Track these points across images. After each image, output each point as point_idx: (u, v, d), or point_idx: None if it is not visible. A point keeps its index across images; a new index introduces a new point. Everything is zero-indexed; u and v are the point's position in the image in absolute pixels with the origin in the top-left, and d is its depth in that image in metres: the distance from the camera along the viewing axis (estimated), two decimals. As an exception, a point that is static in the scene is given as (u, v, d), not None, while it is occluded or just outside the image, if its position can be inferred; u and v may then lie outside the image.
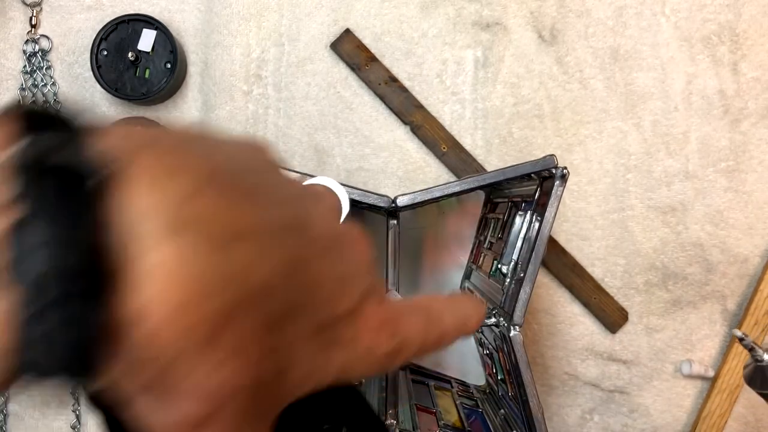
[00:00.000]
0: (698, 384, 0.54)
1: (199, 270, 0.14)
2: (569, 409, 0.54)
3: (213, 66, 0.53)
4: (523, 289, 0.37)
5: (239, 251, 0.15)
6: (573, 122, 0.54)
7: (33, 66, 0.53)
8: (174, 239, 0.14)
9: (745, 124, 0.54)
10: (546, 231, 0.37)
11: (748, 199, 0.54)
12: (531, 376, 0.37)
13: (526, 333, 0.54)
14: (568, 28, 0.54)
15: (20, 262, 0.13)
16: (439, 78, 0.54)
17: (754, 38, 0.54)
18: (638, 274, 0.54)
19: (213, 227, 0.15)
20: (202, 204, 0.15)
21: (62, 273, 0.13)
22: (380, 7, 0.54)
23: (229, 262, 0.15)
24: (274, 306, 0.16)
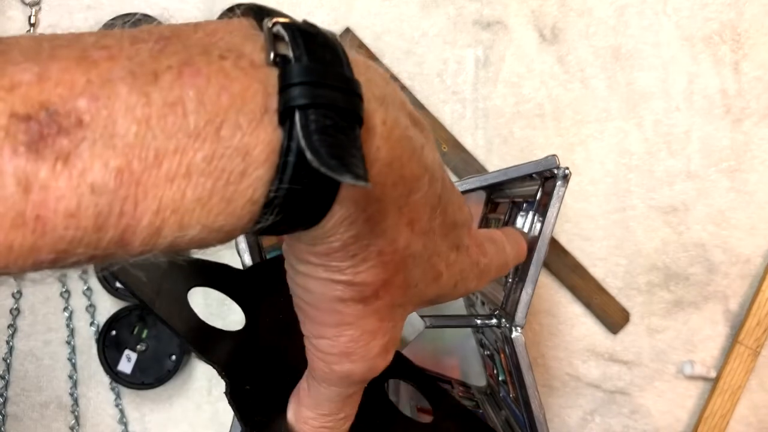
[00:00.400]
0: (700, 385, 0.54)
1: (403, 134, 0.17)
2: (570, 410, 0.54)
3: (212, 65, 0.53)
4: (524, 290, 0.36)
5: (417, 133, 0.18)
6: (574, 122, 0.54)
7: (32, 65, 0.53)
8: (385, 107, 0.17)
9: (747, 123, 0.54)
10: (547, 231, 0.36)
11: (750, 199, 0.54)
12: (532, 377, 0.36)
13: (528, 334, 0.54)
14: (569, 27, 0.54)
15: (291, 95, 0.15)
16: (440, 77, 0.54)
17: (755, 37, 0.54)
18: (640, 275, 0.54)
19: (402, 111, 0.18)
20: (392, 91, 0.18)
21: (331, 104, 0.15)
22: (380, 6, 0.54)
23: (416, 137, 0.18)
24: (434, 189, 0.19)
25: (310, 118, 0.15)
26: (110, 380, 0.53)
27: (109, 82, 0.13)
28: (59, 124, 0.13)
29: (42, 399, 0.53)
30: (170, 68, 0.14)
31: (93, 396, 0.53)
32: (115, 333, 0.52)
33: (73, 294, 0.53)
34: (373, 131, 0.16)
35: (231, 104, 0.14)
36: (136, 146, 0.13)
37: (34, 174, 0.12)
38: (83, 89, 0.13)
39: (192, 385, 0.54)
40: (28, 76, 0.13)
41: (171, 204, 0.14)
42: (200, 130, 0.14)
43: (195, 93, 0.14)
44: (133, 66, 0.14)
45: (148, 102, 0.13)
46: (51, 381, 0.53)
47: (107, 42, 0.14)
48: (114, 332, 0.52)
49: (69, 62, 0.13)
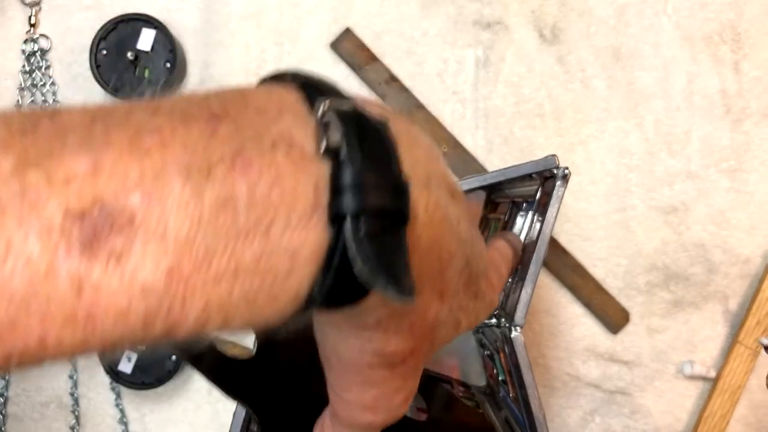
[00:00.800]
0: (700, 385, 0.54)
1: (443, 215, 0.18)
2: (570, 410, 0.54)
3: (212, 65, 0.53)
4: (524, 289, 0.36)
5: (455, 206, 0.19)
6: (574, 122, 0.54)
7: (32, 65, 0.53)
8: (428, 191, 0.17)
9: (747, 123, 0.54)
10: (547, 231, 0.36)
11: (750, 199, 0.54)
12: (532, 377, 0.36)
13: (528, 334, 0.54)
14: (569, 27, 0.54)
15: (343, 201, 0.15)
16: (440, 77, 0.54)
17: (756, 37, 0.54)
18: (640, 275, 0.54)
19: (442, 189, 0.18)
20: (436, 166, 0.18)
21: (381, 209, 0.15)
22: (380, 5, 0.54)
23: (453, 215, 0.19)
24: (464, 256, 0.20)
25: (360, 224, 0.15)
26: (110, 380, 0.53)
27: (161, 175, 0.13)
28: (113, 221, 0.13)
29: (42, 399, 0.53)
30: (222, 160, 0.14)
31: (93, 396, 0.54)
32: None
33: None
34: (416, 220, 0.17)
35: (281, 201, 0.14)
36: (187, 245, 0.13)
37: (87, 274, 0.12)
38: (137, 183, 0.13)
39: (192, 385, 0.54)
40: (83, 166, 0.13)
41: (217, 301, 0.14)
42: (250, 229, 0.14)
43: (247, 189, 0.14)
44: (186, 156, 0.13)
45: (200, 199, 0.13)
46: (51, 381, 0.53)
47: (159, 122, 0.14)
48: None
49: (122, 149, 0.13)
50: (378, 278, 0.14)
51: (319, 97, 0.16)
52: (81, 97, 0.53)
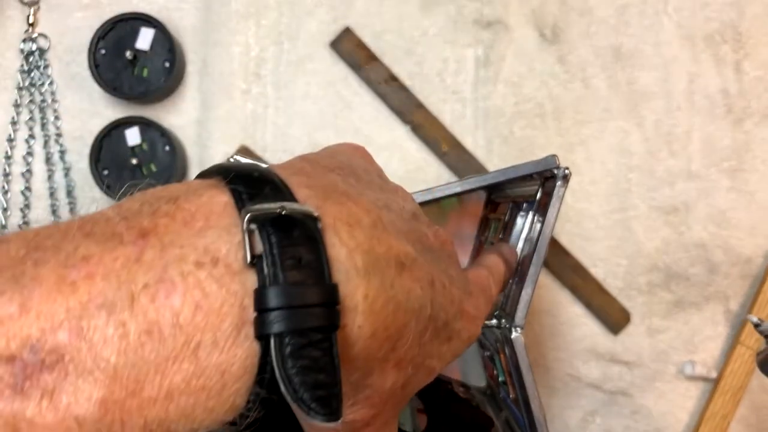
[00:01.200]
0: (701, 385, 0.54)
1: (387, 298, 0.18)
2: (571, 411, 0.54)
3: (212, 65, 0.53)
4: (524, 290, 0.36)
5: (404, 279, 0.19)
6: (575, 122, 0.53)
7: (30, 65, 0.53)
8: (367, 278, 0.17)
9: (748, 123, 0.54)
10: (548, 231, 0.36)
11: (751, 199, 0.53)
12: (532, 377, 0.36)
13: (528, 334, 0.53)
14: (569, 26, 0.54)
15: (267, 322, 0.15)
16: (440, 77, 0.53)
17: (757, 37, 0.54)
18: (640, 275, 0.53)
19: (388, 265, 0.18)
20: (378, 245, 0.18)
21: (306, 329, 0.15)
22: (380, 5, 0.53)
23: (401, 290, 0.19)
24: (423, 319, 0.20)
25: (284, 342, 0.15)
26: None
27: (87, 310, 0.14)
28: (42, 359, 0.13)
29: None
30: (146, 287, 0.14)
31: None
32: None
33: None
34: (355, 311, 0.17)
35: (206, 323, 0.15)
36: (117, 375, 0.14)
37: (21, 413, 0.13)
38: (63, 321, 0.14)
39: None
40: (11, 308, 0.13)
41: (156, 419, 0.14)
42: (177, 353, 0.14)
43: (171, 315, 0.14)
44: (111, 287, 0.14)
45: (126, 331, 0.14)
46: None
47: (88, 250, 0.15)
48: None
49: (50, 287, 0.14)
50: (300, 403, 0.15)
51: (247, 200, 0.16)
52: (80, 96, 0.53)
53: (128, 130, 0.50)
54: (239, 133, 0.53)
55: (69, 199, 0.53)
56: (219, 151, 0.53)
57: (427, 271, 0.20)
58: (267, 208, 0.16)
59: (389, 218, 0.20)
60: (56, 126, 0.53)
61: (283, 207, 0.16)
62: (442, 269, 0.22)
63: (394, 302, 0.18)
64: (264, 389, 0.15)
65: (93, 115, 0.53)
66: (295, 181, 0.18)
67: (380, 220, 0.19)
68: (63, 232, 0.15)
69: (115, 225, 0.16)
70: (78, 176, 0.53)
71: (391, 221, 0.20)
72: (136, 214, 0.16)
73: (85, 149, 0.52)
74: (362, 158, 0.25)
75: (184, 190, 0.17)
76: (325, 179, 0.20)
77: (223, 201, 0.17)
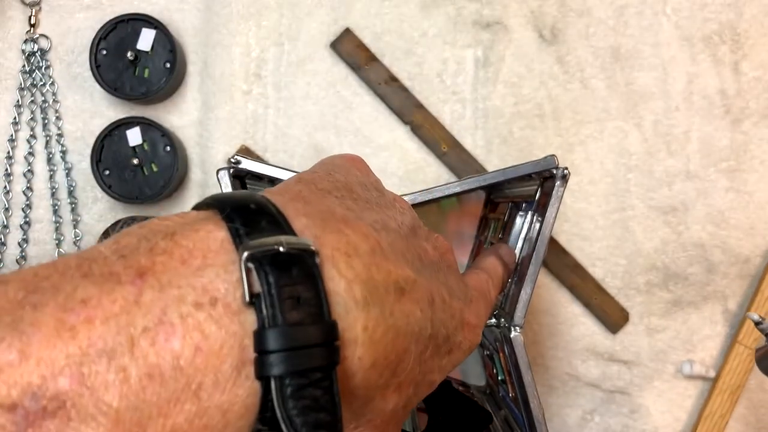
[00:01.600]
0: (699, 384, 0.54)
1: (387, 327, 0.18)
2: (570, 410, 0.54)
3: (212, 65, 0.53)
4: (523, 289, 0.36)
5: (404, 304, 0.19)
6: (574, 122, 0.54)
7: (32, 65, 0.53)
8: (366, 309, 0.17)
9: (747, 123, 0.54)
10: (547, 231, 0.37)
11: (750, 199, 0.54)
12: (531, 376, 0.36)
13: (527, 333, 0.54)
14: (568, 27, 0.54)
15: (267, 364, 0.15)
16: (440, 77, 0.54)
17: (755, 38, 0.54)
18: (639, 275, 0.54)
19: (387, 292, 0.18)
20: (376, 272, 0.18)
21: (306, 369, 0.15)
22: (380, 6, 0.54)
23: (400, 316, 0.19)
24: (423, 341, 0.20)
25: (285, 383, 0.15)
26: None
27: (87, 355, 0.14)
28: (44, 407, 0.13)
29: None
30: (146, 331, 0.14)
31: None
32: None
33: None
34: (354, 343, 0.17)
35: (207, 365, 0.15)
36: (120, 420, 0.14)
37: None
38: (63, 367, 0.14)
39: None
40: (11, 356, 0.13)
41: None
42: (179, 394, 0.14)
43: (171, 358, 0.14)
44: (111, 332, 0.14)
45: (127, 375, 0.14)
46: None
47: (86, 292, 0.15)
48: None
49: (49, 332, 0.14)
50: None
51: (244, 236, 0.16)
52: (81, 96, 0.53)
53: (129, 130, 0.51)
54: (240, 133, 0.53)
55: (70, 199, 0.53)
56: (220, 152, 0.53)
57: (426, 290, 0.20)
58: (264, 245, 0.16)
59: (388, 240, 0.20)
60: (58, 126, 0.53)
61: (281, 243, 0.16)
62: (442, 282, 0.22)
63: (393, 330, 0.18)
64: (266, 426, 0.15)
65: (94, 115, 0.53)
66: (292, 210, 0.18)
67: (378, 245, 0.19)
68: (61, 273, 0.15)
69: (112, 264, 0.16)
70: (79, 176, 0.53)
71: (389, 243, 0.20)
72: (134, 251, 0.16)
73: (86, 149, 0.53)
74: (359, 171, 0.24)
75: (181, 224, 0.17)
76: (323, 204, 0.20)
77: (220, 237, 0.17)
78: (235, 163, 0.37)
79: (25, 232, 0.53)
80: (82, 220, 0.53)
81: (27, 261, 0.53)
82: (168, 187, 0.50)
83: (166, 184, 0.50)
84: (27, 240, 0.53)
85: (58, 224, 0.53)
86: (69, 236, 0.53)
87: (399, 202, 0.24)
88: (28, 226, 0.53)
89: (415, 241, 0.22)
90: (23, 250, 0.53)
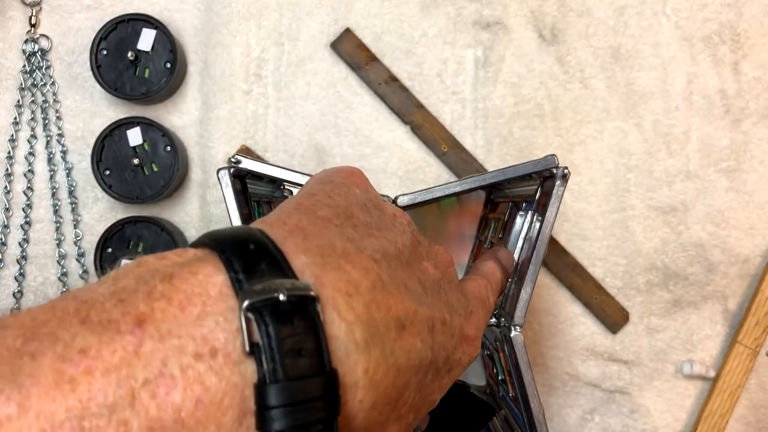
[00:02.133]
0: (699, 384, 0.54)
1: (388, 367, 0.18)
2: (570, 410, 0.54)
3: (213, 65, 0.53)
4: (523, 289, 0.36)
5: (405, 339, 0.19)
6: (574, 122, 0.54)
7: (32, 65, 0.53)
8: (367, 351, 0.17)
9: (746, 123, 0.54)
10: (547, 231, 0.37)
11: (749, 199, 0.54)
12: (531, 376, 0.37)
13: (527, 333, 0.54)
14: (568, 27, 0.54)
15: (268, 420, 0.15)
16: (440, 77, 0.54)
17: (755, 38, 0.54)
18: (639, 275, 0.54)
19: (388, 329, 0.18)
20: (377, 310, 0.18)
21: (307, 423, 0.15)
22: (380, 6, 0.54)
23: (401, 353, 0.18)
24: (423, 367, 0.20)
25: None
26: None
27: (88, 409, 0.14)
28: None
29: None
30: (147, 383, 0.14)
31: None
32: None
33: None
34: (355, 386, 0.17)
35: (208, 417, 0.15)
36: None
37: None
38: (64, 421, 0.13)
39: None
40: (9, 409, 0.13)
41: None
42: None
43: (172, 411, 0.14)
44: (111, 384, 0.14)
45: (128, 430, 0.14)
46: None
47: (85, 340, 0.14)
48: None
49: (48, 383, 0.14)
50: None
51: (244, 281, 0.16)
52: (81, 96, 0.53)
53: (130, 130, 0.51)
54: (240, 133, 0.53)
55: (71, 199, 0.53)
56: (220, 151, 0.53)
57: (427, 318, 0.20)
58: (264, 292, 0.16)
59: (389, 271, 0.20)
60: (58, 126, 0.53)
61: (281, 290, 0.16)
62: (444, 302, 0.22)
63: (394, 368, 0.18)
64: None
65: (94, 115, 0.53)
66: (292, 246, 0.18)
67: (379, 279, 0.19)
68: (59, 319, 0.15)
69: (111, 310, 0.15)
70: (80, 176, 0.53)
71: (390, 274, 0.20)
72: (132, 295, 0.16)
73: (86, 149, 0.53)
74: (359, 188, 0.24)
75: (180, 264, 0.17)
76: (323, 236, 0.19)
77: (219, 282, 0.17)
78: (236, 163, 0.37)
79: (26, 231, 0.53)
80: (82, 220, 0.53)
81: (27, 261, 0.53)
82: (168, 187, 0.50)
83: (167, 184, 0.50)
84: (27, 240, 0.53)
85: (58, 224, 0.53)
86: (69, 236, 0.53)
87: (399, 217, 0.24)
88: (29, 226, 0.53)
89: (417, 264, 0.22)
90: (24, 249, 0.53)
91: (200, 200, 0.52)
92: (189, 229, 0.53)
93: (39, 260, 0.53)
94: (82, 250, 0.53)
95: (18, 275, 0.53)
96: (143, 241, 0.51)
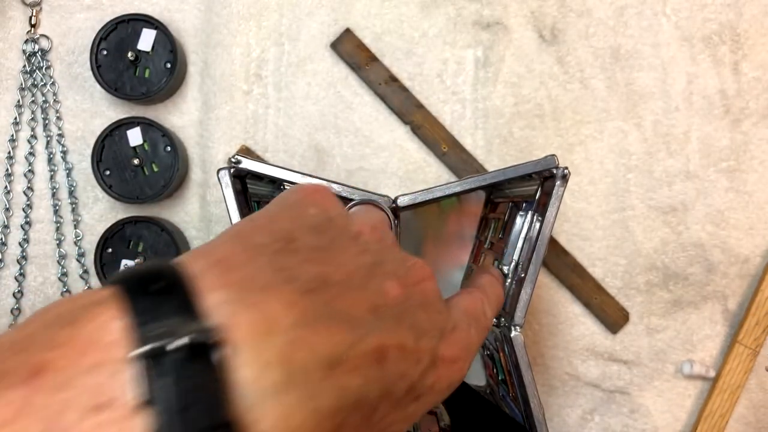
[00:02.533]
0: (699, 384, 0.54)
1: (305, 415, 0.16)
2: (570, 410, 0.54)
3: (213, 65, 0.53)
4: (523, 289, 0.37)
5: (336, 377, 0.17)
6: (574, 122, 0.54)
7: (32, 66, 0.53)
8: (278, 398, 0.16)
9: (746, 123, 0.54)
10: (547, 231, 0.37)
11: (749, 199, 0.54)
12: (532, 376, 0.37)
13: (527, 333, 0.54)
14: (568, 27, 0.54)
15: None
16: (440, 78, 0.54)
17: (755, 38, 0.54)
18: (639, 275, 0.54)
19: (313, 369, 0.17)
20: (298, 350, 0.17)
21: None
22: (380, 6, 0.54)
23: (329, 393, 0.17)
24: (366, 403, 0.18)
25: None
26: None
27: None
28: None
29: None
30: None
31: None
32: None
33: (73, 293, 0.54)
34: None
35: None
36: None
37: None
38: None
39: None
40: None
41: None
42: None
43: None
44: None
45: None
46: None
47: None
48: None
49: None
50: None
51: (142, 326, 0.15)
52: (81, 96, 0.53)
53: (130, 130, 0.51)
54: (240, 133, 0.53)
55: (71, 199, 0.53)
56: (220, 151, 0.53)
57: (374, 348, 0.19)
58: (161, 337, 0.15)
59: (324, 300, 0.18)
60: (58, 126, 0.53)
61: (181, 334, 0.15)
62: (406, 325, 0.20)
63: (317, 413, 0.17)
64: None
65: (95, 115, 0.53)
66: (209, 281, 0.17)
67: (306, 313, 0.17)
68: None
69: (8, 359, 0.15)
70: (80, 176, 0.53)
71: (327, 304, 0.18)
72: (33, 343, 0.15)
73: (86, 149, 0.53)
74: (315, 206, 0.22)
75: (87, 305, 0.16)
76: (248, 268, 0.18)
77: (117, 327, 0.16)
78: (236, 163, 0.37)
79: (26, 232, 0.53)
80: (82, 220, 0.53)
81: (28, 261, 0.53)
82: (168, 187, 0.50)
83: (167, 184, 0.50)
84: (28, 240, 0.53)
85: (58, 224, 0.53)
86: (69, 236, 0.53)
87: (367, 234, 0.22)
88: (29, 226, 0.53)
89: (373, 286, 0.20)
90: (24, 250, 0.53)
91: (200, 200, 0.52)
92: (189, 229, 0.53)
93: (39, 260, 0.53)
94: (83, 250, 0.53)
95: (18, 275, 0.53)
96: (143, 241, 0.51)
